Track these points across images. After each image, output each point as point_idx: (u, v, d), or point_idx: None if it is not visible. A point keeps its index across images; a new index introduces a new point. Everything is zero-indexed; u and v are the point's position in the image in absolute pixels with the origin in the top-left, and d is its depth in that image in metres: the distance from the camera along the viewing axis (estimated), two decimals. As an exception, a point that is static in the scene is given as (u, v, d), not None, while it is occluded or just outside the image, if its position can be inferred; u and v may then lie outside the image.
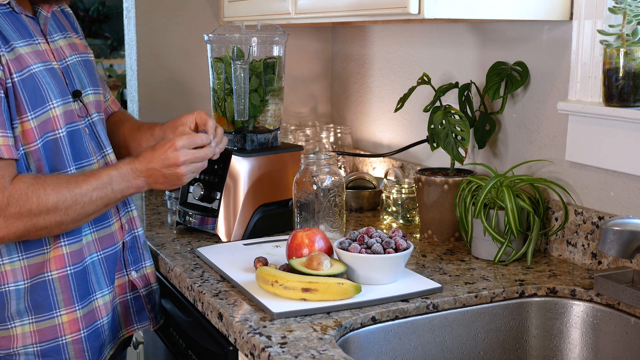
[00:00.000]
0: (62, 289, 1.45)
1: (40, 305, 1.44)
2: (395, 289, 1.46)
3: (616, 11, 1.53)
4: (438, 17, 1.55)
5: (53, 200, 1.35)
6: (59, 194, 1.36)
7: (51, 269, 1.44)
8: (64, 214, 1.37)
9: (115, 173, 1.45)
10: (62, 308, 1.46)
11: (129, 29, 2.49)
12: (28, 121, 1.38)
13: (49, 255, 1.44)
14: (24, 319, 1.43)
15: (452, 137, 1.81)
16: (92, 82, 1.58)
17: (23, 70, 1.37)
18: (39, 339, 1.44)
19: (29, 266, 1.43)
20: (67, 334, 1.46)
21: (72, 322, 1.47)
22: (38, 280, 1.43)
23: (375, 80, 2.49)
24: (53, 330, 1.45)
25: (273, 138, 1.94)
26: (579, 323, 1.51)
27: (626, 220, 1.35)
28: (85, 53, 1.61)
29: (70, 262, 1.46)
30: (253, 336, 1.28)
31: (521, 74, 1.81)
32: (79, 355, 1.48)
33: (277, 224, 1.90)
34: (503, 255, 1.67)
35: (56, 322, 1.45)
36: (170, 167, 1.49)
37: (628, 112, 1.52)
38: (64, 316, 1.46)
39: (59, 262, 1.45)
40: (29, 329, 1.43)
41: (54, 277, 1.44)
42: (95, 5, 6.52)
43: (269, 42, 1.90)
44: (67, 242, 1.46)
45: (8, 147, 1.33)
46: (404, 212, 2.06)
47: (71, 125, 1.47)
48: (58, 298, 1.45)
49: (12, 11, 1.42)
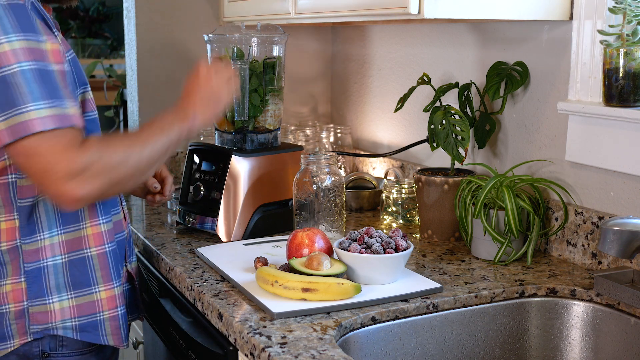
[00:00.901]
0: (100, 265, 1.49)
1: (79, 281, 1.47)
2: (395, 289, 1.46)
3: (616, 11, 1.53)
4: (438, 17, 1.55)
5: (121, 153, 1.36)
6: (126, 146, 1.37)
7: (90, 245, 1.48)
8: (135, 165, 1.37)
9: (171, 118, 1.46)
10: (100, 284, 1.49)
11: (129, 29, 2.49)
12: (80, 94, 1.44)
13: (87, 232, 1.47)
14: (62, 294, 1.46)
15: (452, 137, 1.81)
16: None
17: (69, 51, 1.43)
18: (78, 313, 1.47)
19: (66, 241, 1.45)
20: (105, 310, 1.50)
21: (110, 298, 1.50)
22: (77, 256, 1.47)
23: (375, 80, 2.49)
24: (91, 306, 1.48)
25: (273, 138, 1.94)
26: (579, 323, 1.51)
27: (626, 220, 1.35)
28: None
29: (108, 240, 1.50)
30: (253, 336, 1.28)
31: (521, 74, 1.81)
32: (115, 332, 1.51)
33: (277, 224, 1.90)
34: (503, 255, 1.67)
35: (95, 297, 1.48)
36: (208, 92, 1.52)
37: (628, 112, 1.52)
38: (102, 292, 1.49)
39: (97, 239, 1.48)
40: (67, 304, 1.46)
41: (93, 254, 1.48)
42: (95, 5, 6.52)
43: (269, 42, 1.90)
44: (104, 220, 1.50)
45: (78, 117, 1.35)
46: (404, 212, 2.06)
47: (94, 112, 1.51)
48: (97, 275, 1.48)
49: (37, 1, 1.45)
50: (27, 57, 1.27)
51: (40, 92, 1.27)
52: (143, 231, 1.96)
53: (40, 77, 1.28)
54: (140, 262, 1.93)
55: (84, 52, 6.30)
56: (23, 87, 1.26)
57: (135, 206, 2.28)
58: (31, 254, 1.42)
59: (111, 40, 6.40)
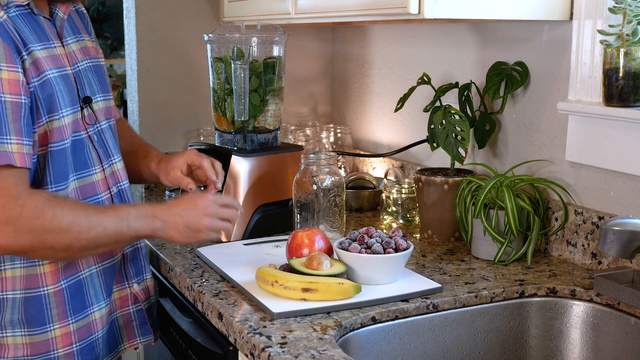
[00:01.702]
0: (56, 303, 1.43)
1: (34, 319, 1.41)
2: (395, 289, 1.46)
3: (616, 11, 1.53)
4: (438, 17, 1.55)
5: (67, 220, 1.31)
6: (75, 216, 1.32)
7: (47, 283, 1.41)
8: (75, 238, 1.33)
9: (134, 211, 1.41)
10: (55, 322, 1.43)
11: (129, 29, 2.49)
12: (42, 125, 1.36)
13: (44, 270, 1.41)
14: (16, 330, 1.41)
15: (452, 137, 1.81)
16: (102, 88, 1.56)
17: (40, 75, 1.35)
18: (31, 352, 1.42)
19: (26, 276, 1.40)
20: (60, 347, 1.44)
21: (65, 335, 1.44)
22: (33, 294, 1.41)
23: (375, 80, 2.49)
24: (45, 344, 1.42)
25: (273, 138, 1.94)
26: (579, 323, 1.51)
27: (626, 220, 1.35)
28: (97, 58, 1.58)
29: (64, 276, 1.43)
30: (253, 336, 1.28)
31: (521, 74, 1.81)
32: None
33: (277, 224, 1.90)
34: (503, 255, 1.67)
35: (49, 336, 1.43)
36: (195, 216, 1.46)
37: (628, 112, 1.52)
38: (57, 330, 1.43)
39: (54, 276, 1.42)
40: (21, 341, 1.41)
41: (50, 291, 1.42)
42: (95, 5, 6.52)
43: (269, 42, 1.90)
44: None
45: (22, 155, 1.29)
46: (404, 212, 2.06)
47: (76, 134, 1.45)
48: (52, 312, 1.42)
49: (31, 12, 1.40)
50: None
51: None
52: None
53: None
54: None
55: (84, 52, 6.29)
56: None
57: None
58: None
59: (111, 40, 6.41)
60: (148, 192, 2.47)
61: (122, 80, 3.88)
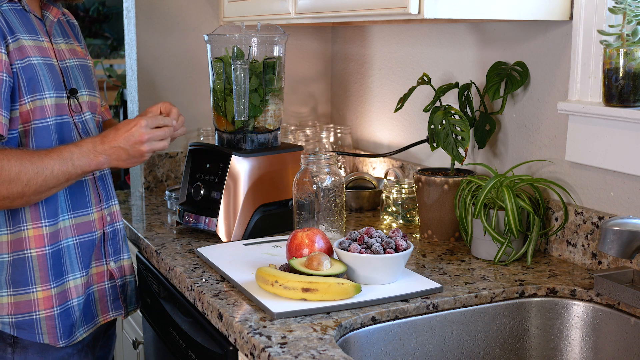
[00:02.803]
0: (39, 266, 1.53)
1: (18, 280, 1.53)
2: (395, 289, 1.46)
3: (616, 11, 1.53)
4: (438, 17, 1.55)
5: (15, 170, 1.42)
6: (21, 165, 1.43)
7: (30, 247, 1.53)
8: (26, 185, 1.43)
9: (76, 150, 1.50)
10: (38, 285, 1.54)
11: (129, 29, 2.49)
12: (25, 104, 1.49)
13: (28, 234, 1.52)
14: (2, 290, 1.52)
15: (452, 137, 1.81)
16: (87, 85, 1.68)
17: (24, 59, 1.48)
18: (15, 310, 1.53)
19: (12, 241, 1.52)
20: (42, 309, 1.54)
21: (47, 298, 1.55)
22: (18, 256, 1.52)
23: (375, 80, 2.49)
24: (28, 305, 1.53)
25: (273, 138, 1.94)
26: (579, 323, 1.51)
27: (626, 220, 1.35)
28: (84, 59, 1.71)
29: (49, 242, 1.54)
30: (253, 336, 1.28)
31: (521, 74, 1.81)
32: (50, 331, 1.56)
33: (277, 224, 1.90)
34: (503, 255, 1.67)
35: (32, 297, 1.54)
36: (134, 145, 1.55)
37: (628, 112, 1.52)
38: (39, 292, 1.54)
39: (38, 241, 1.53)
40: (6, 300, 1.52)
41: (33, 255, 1.53)
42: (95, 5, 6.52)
43: (269, 42, 1.90)
44: (47, 223, 1.54)
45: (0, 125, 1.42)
46: (404, 212, 2.06)
47: (61, 117, 1.56)
48: (35, 275, 1.53)
49: (23, 9, 1.53)
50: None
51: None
52: (143, 231, 1.96)
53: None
54: (140, 262, 1.93)
55: (84, 52, 6.29)
56: None
57: (135, 206, 2.28)
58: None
59: (111, 40, 6.41)
60: (148, 192, 2.47)
61: (122, 80, 3.87)
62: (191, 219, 1.90)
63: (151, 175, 2.48)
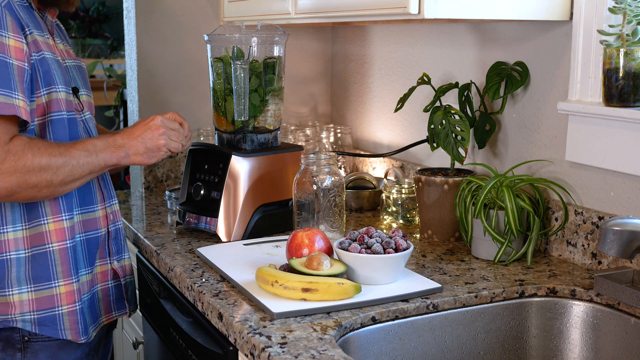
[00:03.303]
0: (62, 260, 1.53)
1: (40, 275, 1.51)
2: (395, 289, 1.46)
3: (616, 11, 1.53)
4: (438, 17, 1.55)
5: (46, 158, 1.43)
6: (50, 154, 1.44)
7: (52, 240, 1.52)
8: (54, 173, 1.44)
9: (99, 142, 1.54)
10: (60, 279, 1.53)
11: (129, 29, 2.49)
12: (41, 96, 1.49)
13: (49, 228, 1.52)
14: (22, 287, 1.50)
15: (452, 137, 1.81)
16: (85, 86, 1.69)
17: (39, 52, 1.49)
18: (37, 307, 1.51)
19: (30, 236, 1.50)
20: (64, 304, 1.54)
21: (69, 293, 1.54)
22: (39, 250, 1.51)
23: (375, 80, 2.49)
24: (50, 300, 1.52)
25: (273, 138, 1.94)
26: (579, 323, 1.51)
27: (626, 220, 1.35)
28: (79, 60, 1.73)
29: (69, 236, 1.54)
30: (253, 336, 1.28)
31: (521, 74, 1.81)
32: (73, 326, 1.55)
33: (277, 224, 1.90)
34: (503, 255, 1.67)
35: (54, 292, 1.52)
36: (151, 137, 1.60)
37: (628, 112, 1.52)
38: (62, 287, 1.53)
39: (60, 234, 1.53)
40: (27, 297, 1.50)
41: (55, 248, 1.52)
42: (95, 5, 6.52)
43: (269, 42, 1.90)
44: (67, 216, 1.54)
45: (26, 111, 1.43)
46: (404, 212, 2.06)
47: (70, 113, 1.56)
48: (57, 269, 1.53)
49: (30, 6, 1.54)
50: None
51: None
52: (143, 231, 1.96)
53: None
54: (140, 262, 1.93)
55: (84, 52, 6.30)
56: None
57: (135, 206, 2.28)
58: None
59: (111, 40, 6.41)
60: (148, 192, 2.47)
61: (122, 80, 3.87)
62: (191, 219, 1.90)
63: (151, 175, 2.48)
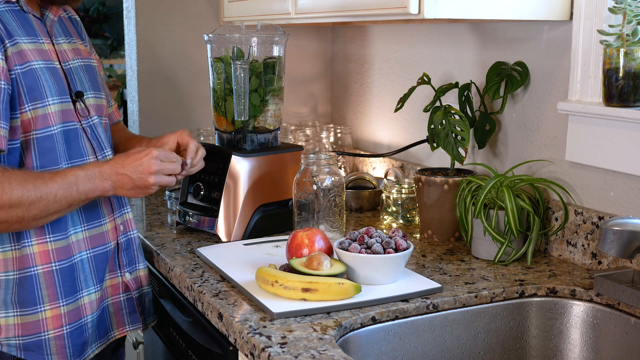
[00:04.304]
0: (47, 284, 1.46)
1: (25, 299, 1.45)
2: (395, 289, 1.46)
3: (616, 11, 1.53)
4: (438, 17, 1.55)
5: (17, 194, 1.35)
6: (24, 188, 1.36)
7: (36, 263, 1.46)
8: (26, 209, 1.37)
9: (82, 174, 1.44)
10: (46, 303, 1.47)
11: (129, 29, 2.49)
12: (26, 112, 1.41)
13: (33, 250, 1.45)
14: (9, 311, 1.45)
15: (452, 137, 1.81)
16: (93, 87, 1.61)
17: (24, 64, 1.41)
18: (22, 332, 1.46)
19: (18, 258, 1.45)
20: (50, 329, 1.48)
21: (56, 317, 1.48)
22: (24, 274, 1.45)
23: (375, 80, 2.50)
24: (36, 325, 1.47)
25: (273, 138, 1.94)
26: (579, 323, 1.51)
27: (626, 220, 1.35)
28: (89, 59, 1.64)
29: (56, 258, 1.47)
30: (253, 336, 1.28)
31: (521, 74, 1.81)
32: (60, 351, 1.49)
33: (277, 224, 1.90)
34: (503, 255, 1.67)
35: (40, 317, 1.47)
36: (141, 174, 1.50)
37: (628, 112, 1.52)
38: (48, 311, 1.47)
39: (44, 257, 1.46)
40: (13, 322, 1.46)
41: (39, 272, 1.46)
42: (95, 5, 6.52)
43: (269, 42, 1.90)
44: (53, 238, 1.47)
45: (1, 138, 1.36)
46: (404, 212, 2.06)
47: (67, 124, 1.49)
48: (43, 293, 1.46)
49: (21, 9, 1.46)
50: None
51: None
52: (143, 231, 1.96)
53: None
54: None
55: (84, 52, 6.30)
56: None
57: (135, 206, 2.28)
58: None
59: (111, 40, 6.41)
60: (148, 192, 2.47)
61: (122, 80, 3.88)
62: (191, 219, 1.90)
63: (151, 175, 2.47)
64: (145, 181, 1.50)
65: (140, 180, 1.50)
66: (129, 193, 1.51)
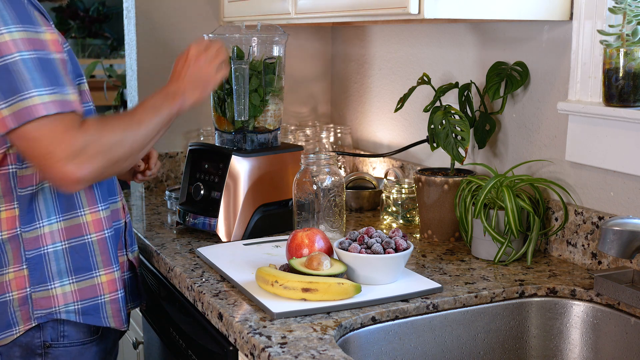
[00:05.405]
0: (100, 250, 1.53)
1: (81, 266, 1.51)
2: (395, 289, 1.46)
3: (616, 11, 1.53)
4: (438, 17, 1.55)
5: (120, 131, 1.40)
6: (124, 125, 1.42)
7: (90, 231, 1.52)
8: (133, 141, 1.42)
9: (157, 98, 1.50)
10: (101, 269, 1.53)
11: (129, 29, 2.49)
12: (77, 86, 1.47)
13: (87, 219, 1.51)
14: (64, 279, 1.49)
15: (452, 137, 1.81)
16: None
17: (65, 43, 1.46)
18: (80, 297, 1.51)
19: (65, 228, 1.49)
20: (106, 293, 1.54)
21: (111, 282, 1.54)
22: (78, 242, 1.51)
23: (375, 80, 2.49)
24: (93, 290, 1.52)
25: (273, 138, 1.94)
26: (579, 323, 1.51)
27: (626, 220, 1.35)
28: None
29: (107, 226, 1.54)
30: (253, 336, 1.28)
31: (521, 74, 1.81)
32: (116, 314, 1.55)
33: (277, 224, 1.90)
34: (503, 255, 1.67)
35: (96, 281, 1.53)
36: (199, 70, 1.56)
37: (628, 112, 1.52)
38: (103, 276, 1.53)
39: (97, 225, 1.52)
40: (69, 289, 1.50)
41: (93, 239, 1.52)
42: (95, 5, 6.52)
43: (269, 42, 1.90)
44: (103, 207, 1.53)
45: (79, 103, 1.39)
46: (404, 212, 2.06)
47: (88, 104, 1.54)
48: (97, 259, 1.53)
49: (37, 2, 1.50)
50: (27, 47, 1.31)
51: (41, 79, 1.31)
52: (143, 231, 1.96)
53: (40, 65, 1.31)
54: (140, 262, 1.93)
55: (84, 52, 6.30)
56: (25, 74, 1.29)
57: (135, 206, 2.28)
58: (31, 241, 1.46)
59: (111, 40, 6.41)
60: (148, 192, 2.47)
61: (122, 80, 3.87)
62: (191, 219, 1.90)
63: (151, 175, 2.47)
64: (206, 74, 1.56)
65: (202, 75, 1.56)
66: (200, 93, 1.56)
